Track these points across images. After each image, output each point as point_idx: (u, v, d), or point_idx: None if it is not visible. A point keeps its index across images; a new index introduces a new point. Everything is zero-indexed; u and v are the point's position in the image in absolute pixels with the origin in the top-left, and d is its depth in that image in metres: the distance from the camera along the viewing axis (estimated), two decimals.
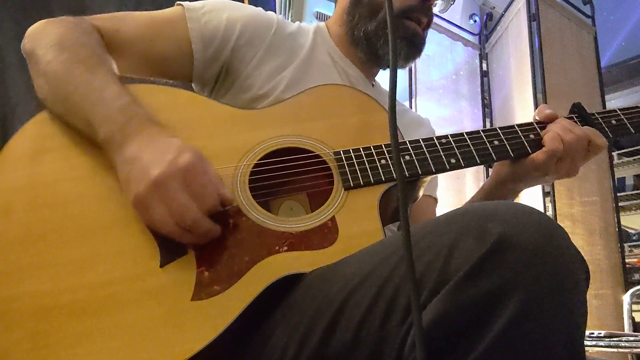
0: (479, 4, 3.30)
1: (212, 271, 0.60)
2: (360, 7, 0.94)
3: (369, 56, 0.95)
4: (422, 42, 0.94)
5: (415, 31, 0.91)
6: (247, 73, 0.86)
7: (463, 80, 3.02)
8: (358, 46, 0.94)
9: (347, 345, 0.50)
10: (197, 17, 0.84)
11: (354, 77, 0.95)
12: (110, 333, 0.55)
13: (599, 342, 1.65)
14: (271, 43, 0.88)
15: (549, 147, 0.75)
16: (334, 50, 0.97)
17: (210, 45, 0.84)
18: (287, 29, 0.93)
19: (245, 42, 0.86)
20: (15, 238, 0.61)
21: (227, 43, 0.85)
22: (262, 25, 0.89)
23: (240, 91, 0.86)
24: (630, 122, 0.81)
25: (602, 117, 0.81)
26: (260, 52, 0.87)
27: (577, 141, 0.76)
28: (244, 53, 0.86)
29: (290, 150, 0.73)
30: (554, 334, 0.43)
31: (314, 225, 0.65)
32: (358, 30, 0.93)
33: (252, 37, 0.87)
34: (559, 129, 0.76)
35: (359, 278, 0.52)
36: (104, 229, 0.62)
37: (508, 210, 0.47)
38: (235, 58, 0.86)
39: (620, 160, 4.47)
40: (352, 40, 0.95)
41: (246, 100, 0.84)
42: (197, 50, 0.84)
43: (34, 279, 0.58)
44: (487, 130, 0.77)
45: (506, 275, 0.43)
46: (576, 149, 0.76)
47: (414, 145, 0.74)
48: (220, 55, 0.85)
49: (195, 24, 0.84)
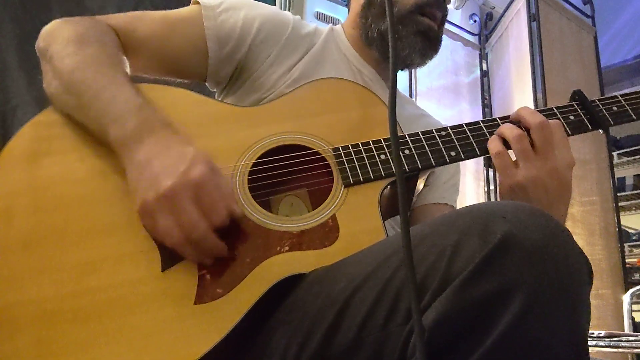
0: (479, 4, 3.30)
1: (214, 274, 0.59)
2: (373, 9, 0.93)
3: (384, 55, 0.94)
4: (437, 36, 0.93)
5: (429, 26, 0.90)
6: (259, 72, 0.85)
7: (463, 80, 3.01)
8: (373, 46, 0.94)
9: (350, 346, 0.50)
10: (214, 15, 0.84)
11: (368, 77, 0.95)
12: (115, 338, 0.54)
13: (599, 342, 1.65)
14: (286, 43, 0.88)
15: (501, 130, 0.71)
16: (349, 49, 0.96)
17: (226, 44, 0.84)
18: (302, 30, 0.92)
19: (260, 42, 0.86)
20: (17, 242, 0.60)
21: (243, 42, 0.84)
22: (279, 25, 0.88)
23: (251, 91, 0.85)
24: (631, 107, 0.79)
25: (603, 104, 0.79)
26: (274, 52, 0.86)
27: (532, 118, 0.70)
28: (259, 52, 0.86)
29: (290, 147, 0.72)
30: (558, 333, 0.43)
31: (314, 224, 0.65)
32: (372, 31, 0.93)
33: (268, 37, 0.86)
34: (504, 128, 0.71)
35: (361, 278, 0.52)
36: (105, 233, 0.61)
37: (512, 209, 0.47)
38: (250, 58, 0.85)
39: (620, 160, 4.46)
40: (367, 41, 0.94)
41: (255, 99, 0.84)
42: (213, 49, 0.83)
43: (37, 284, 0.57)
44: (487, 121, 0.76)
45: (510, 274, 0.43)
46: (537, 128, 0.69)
47: (413, 139, 0.73)
48: (236, 54, 0.85)
49: (212, 23, 0.83)
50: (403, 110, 0.98)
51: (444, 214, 0.53)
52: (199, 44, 0.83)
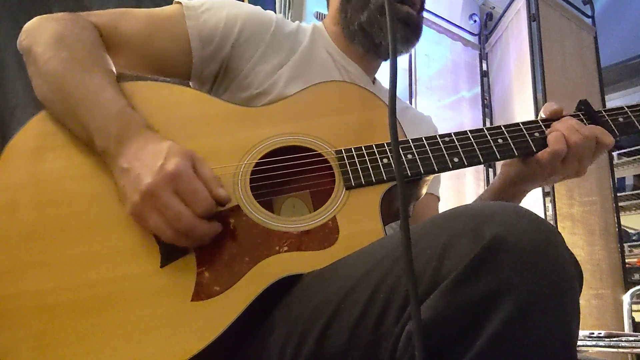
0: (479, 4, 3.30)
1: (212, 272, 0.60)
2: (351, 2, 0.94)
3: (367, 47, 0.94)
4: (417, 23, 0.94)
5: (408, 13, 0.91)
6: (246, 72, 0.85)
7: (463, 80, 3.01)
8: (355, 40, 0.94)
9: (343, 348, 0.50)
10: (196, 15, 0.84)
11: (354, 74, 0.95)
12: (112, 331, 0.55)
13: (599, 342, 1.64)
14: (270, 41, 0.88)
15: (552, 148, 0.74)
16: (333, 47, 0.96)
17: (209, 43, 0.84)
18: (286, 28, 0.92)
19: (244, 41, 0.86)
20: (19, 235, 0.61)
21: (226, 41, 0.84)
22: (262, 23, 0.89)
23: (239, 90, 0.85)
24: (638, 119, 0.79)
25: (609, 115, 0.79)
26: (259, 50, 0.86)
27: (584, 142, 0.74)
28: (243, 51, 0.86)
29: (292, 148, 0.72)
30: (548, 337, 0.43)
31: (314, 225, 0.65)
32: (352, 25, 0.93)
33: (251, 36, 0.86)
34: (564, 129, 0.75)
35: (353, 281, 0.52)
36: (106, 228, 0.62)
37: (502, 211, 0.47)
38: (234, 56, 0.85)
39: (620, 160, 4.47)
40: (348, 36, 0.95)
41: (245, 98, 0.84)
42: (196, 48, 0.83)
43: (37, 277, 0.58)
44: (491, 129, 0.76)
45: (500, 277, 0.43)
46: (583, 149, 0.75)
47: (416, 144, 0.73)
48: (219, 53, 0.85)
49: (194, 22, 0.83)
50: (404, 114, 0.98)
51: (435, 215, 0.53)
52: (183, 43, 0.83)
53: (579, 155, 0.75)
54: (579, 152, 0.75)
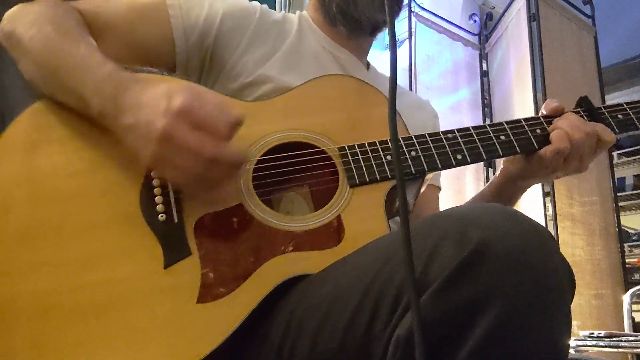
0: (479, 4, 3.30)
1: (217, 273, 0.59)
2: None
3: (349, 26, 0.93)
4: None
5: None
6: (233, 62, 0.84)
7: (463, 80, 3.01)
8: (337, 22, 0.93)
9: (335, 351, 0.50)
10: (179, 4, 0.83)
11: (346, 61, 0.94)
12: (113, 335, 0.54)
13: (599, 342, 1.65)
14: (255, 30, 0.87)
15: (556, 146, 0.74)
16: (320, 35, 0.95)
17: (191, 33, 0.83)
18: (271, 17, 0.91)
19: (227, 30, 0.85)
20: (15, 235, 0.59)
21: (209, 32, 0.83)
22: (245, 12, 0.88)
23: (228, 81, 0.84)
24: (637, 116, 0.79)
25: (609, 112, 0.79)
26: (244, 40, 0.85)
27: (585, 139, 0.74)
28: (228, 41, 0.85)
29: (295, 145, 0.71)
30: (535, 344, 0.42)
31: (319, 224, 0.64)
32: (331, 9, 0.92)
33: (235, 25, 0.85)
34: (567, 126, 0.75)
35: (345, 283, 0.52)
36: (104, 227, 0.60)
37: (489, 214, 0.46)
38: (218, 46, 0.84)
39: (620, 160, 4.46)
40: (330, 21, 0.94)
41: (235, 89, 0.83)
42: (179, 38, 0.82)
43: (35, 278, 0.56)
44: (494, 125, 0.76)
45: (486, 282, 0.42)
46: (584, 147, 0.75)
47: (420, 141, 0.73)
48: (203, 44, 0.83)
49: (177, 12, 0.82)
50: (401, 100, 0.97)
51: (423, 219, 0.52)
52: (166, 33, 0.82)
53: (581, 153, 0.75)
54: (581, 150, 0.75)
